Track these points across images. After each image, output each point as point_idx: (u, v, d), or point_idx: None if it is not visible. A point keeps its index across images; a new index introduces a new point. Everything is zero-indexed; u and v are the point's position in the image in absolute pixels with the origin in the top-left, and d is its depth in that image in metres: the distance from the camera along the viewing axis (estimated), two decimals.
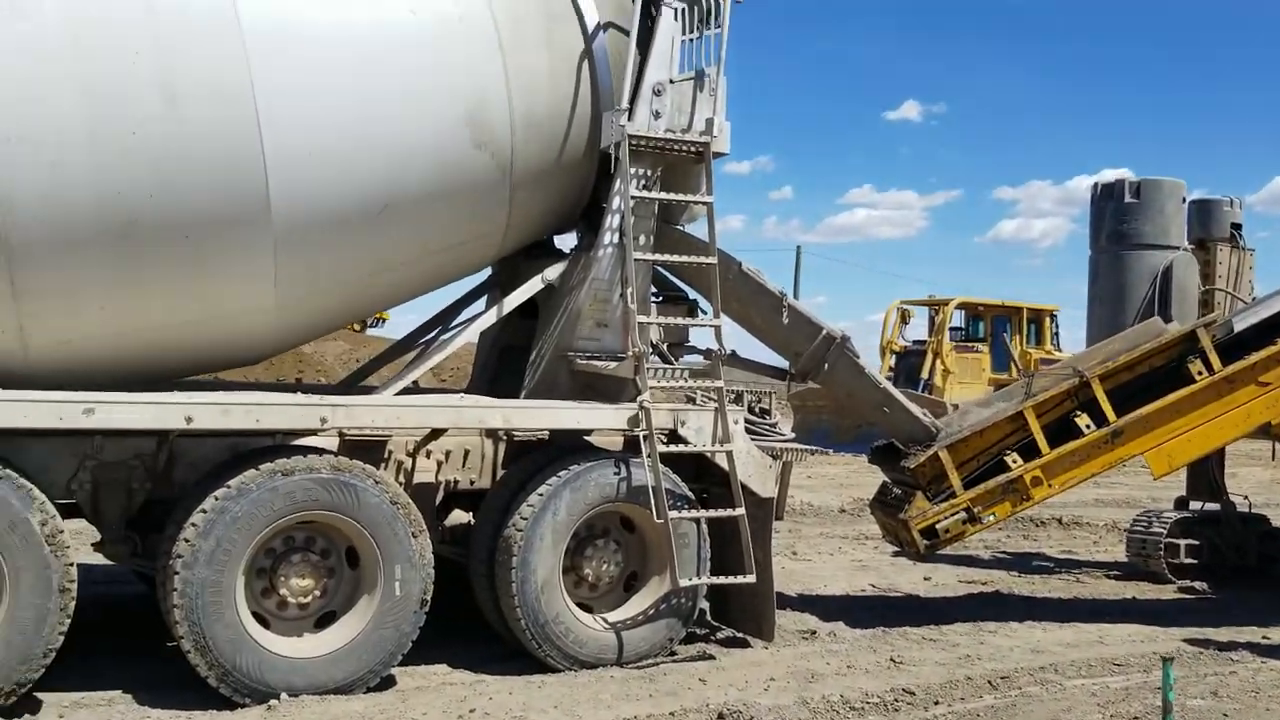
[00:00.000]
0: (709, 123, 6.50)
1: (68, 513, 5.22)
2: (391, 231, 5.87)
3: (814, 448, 7.43)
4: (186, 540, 5.10)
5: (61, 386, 5.14)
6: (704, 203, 6.56)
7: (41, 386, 5.10)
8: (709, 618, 6.88)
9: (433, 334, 7.53)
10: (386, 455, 6.00)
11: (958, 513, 7.23)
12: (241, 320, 5.73)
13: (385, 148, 5.70)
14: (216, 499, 5.17)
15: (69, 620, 4.95)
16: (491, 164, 6.06)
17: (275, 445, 5.60)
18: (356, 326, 33.16)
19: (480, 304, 7.43)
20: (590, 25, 6.44)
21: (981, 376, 21.98)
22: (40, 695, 5.13)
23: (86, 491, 5.39)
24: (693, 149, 6.49)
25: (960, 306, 23.55)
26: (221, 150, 5.23)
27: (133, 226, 5.14)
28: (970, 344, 23.40)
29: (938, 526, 7.24)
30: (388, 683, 5.59)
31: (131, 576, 6.91)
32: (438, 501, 6.21)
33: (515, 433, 6.25)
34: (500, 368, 7.24)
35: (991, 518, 7.36)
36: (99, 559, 5.95)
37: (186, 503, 5.32)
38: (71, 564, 4.98)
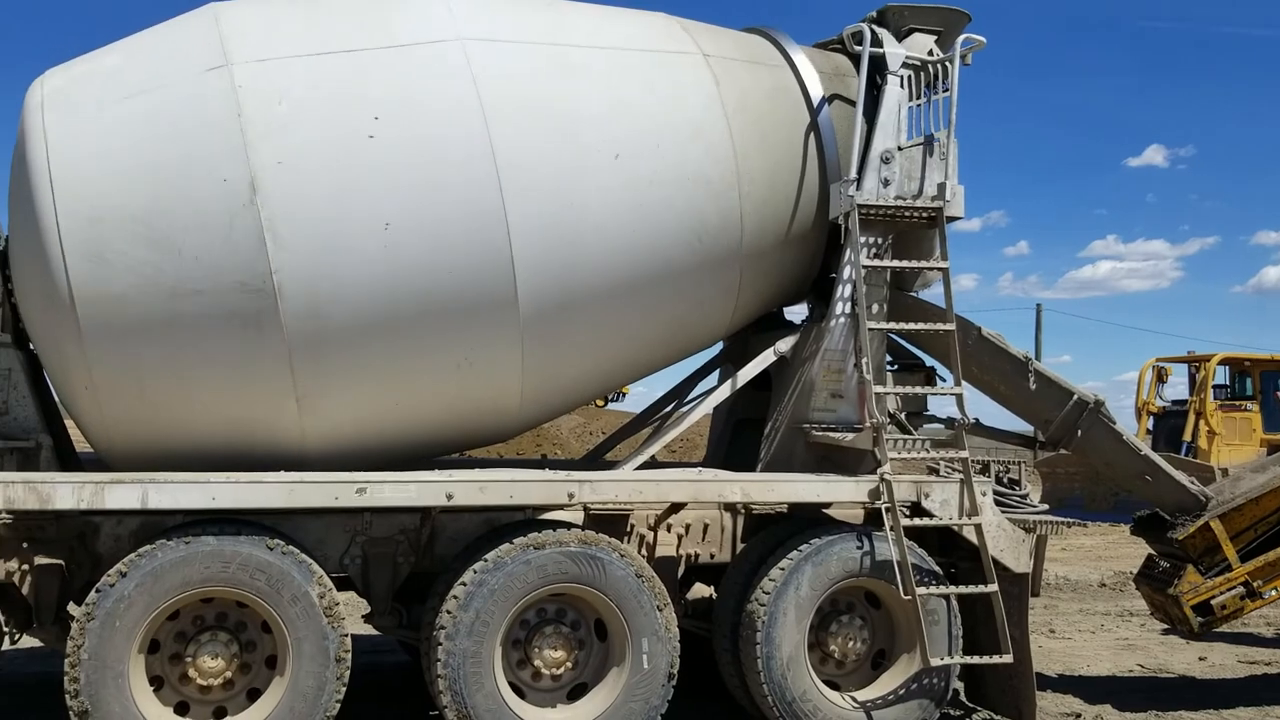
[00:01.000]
0: (941, 187, 6.41)
1: (339, 586, 5.60)
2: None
3: (1068, 519, 7.02)
4: (448, 612, 5.37)
5: (332, 467, 5.57)
6: (939, 269, 6.44)
7: (315, 468, 5.54)
8: (964, 699, 6.59)
9: (668, 409, 7.69)
10: (629, 529, 6.15)
11: (1235, 587, 6.69)
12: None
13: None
14: (475, 572, 5.43)
15: (344, 688, 5.29)
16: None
17: (526, 520, 5.85)
18: (600, 402, 34.19)
19: (713, 378, 7.54)
20: (815, 98, 6.52)
21: (1252, 438, 20.23)
22: None
23: (357, 566, 5.79)
24: (924, 215, 6.41)
25: (1224, 362, 21.82)
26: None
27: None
28: (1237, 402, 21.58)
29: (1213, 602, 6.72)
30: None
31: (394, 646, 7.31)
32: (679, 575, 6.28)
33: (754, 506, 6.26)
34: (735, 441, 7.30)
35: (1274, 593, 6.75)
36: (365, 629, 6.33)
37: (447, 576, 5.62)
38: (346, 634, 5.33)
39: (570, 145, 5.77)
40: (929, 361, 6.98)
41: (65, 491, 5.10)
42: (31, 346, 5.86)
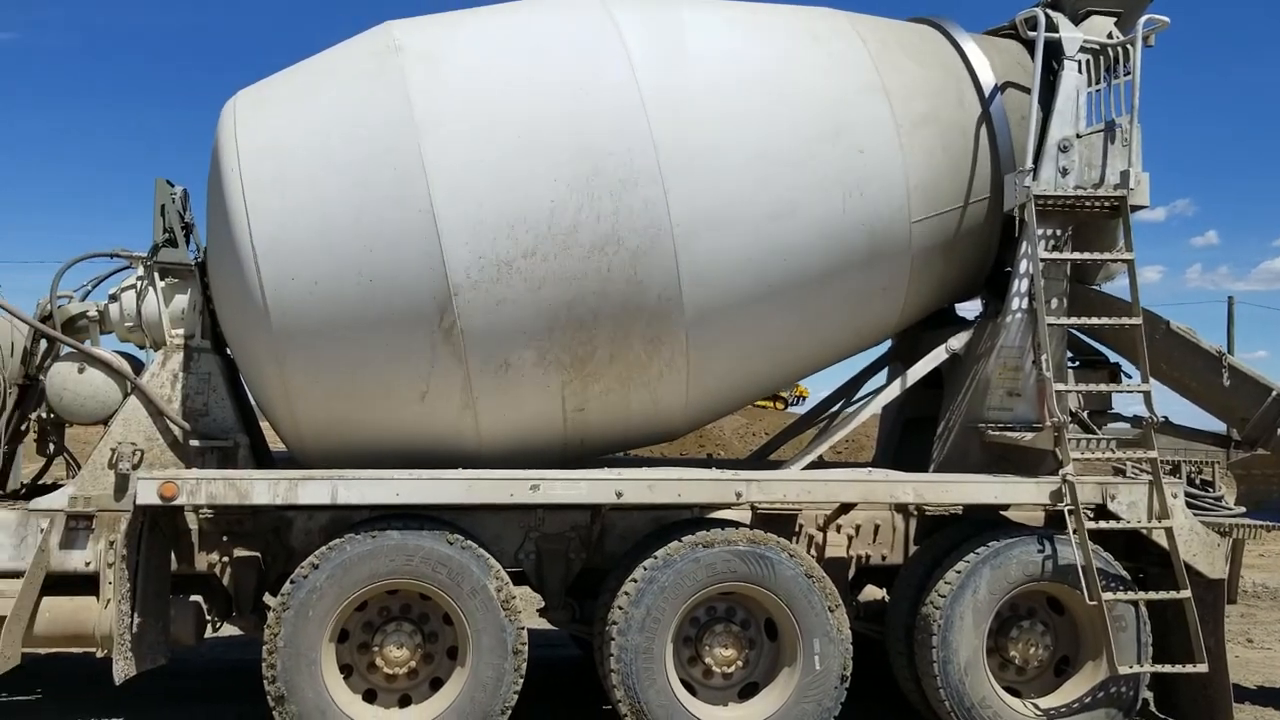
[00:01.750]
0: (1124, 175, 6.11)
1: (515, 580, 5.74)
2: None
3: (1266, 522, 6.58)
4: (620, 608, 5.45)
5: (506, 465, 5.72)
6: (1123, 260, 6.15)
7: (490, 466, 5.70)
8: (1154, 709, 6.27)
9: (834, 408, 7.59)
10: (797, 529, 6.11)
11: None
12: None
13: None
14: (645, 569, 5.49)
15: (522, 680, 5.42)
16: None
17: (694, 519, 5.88)
18: (779, 404, 33.92)
19: (881, 376, 7.40)
20: (986, 86, 6.32)
21: None
22: None
23: (531, 561, 5.95)
24: (1106, 204, 6.12)
25: None
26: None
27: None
28: None
29: None
30: None
31: (567, 641, 7.45)
32: (850, 576, 6.19)
33: (927, 507, 6.12)
34: (905, 441, 7.14)
35: None
36: (540, 623, 6.46)
37: (618, 572, 5.71)
38: (523, 627, 5.47)
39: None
40: (1113, 358, 6.68)
41: (262, 487, 5.40)
42: (228, 351, 6.23)
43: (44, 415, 6.28)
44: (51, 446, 6.47)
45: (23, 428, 6.50)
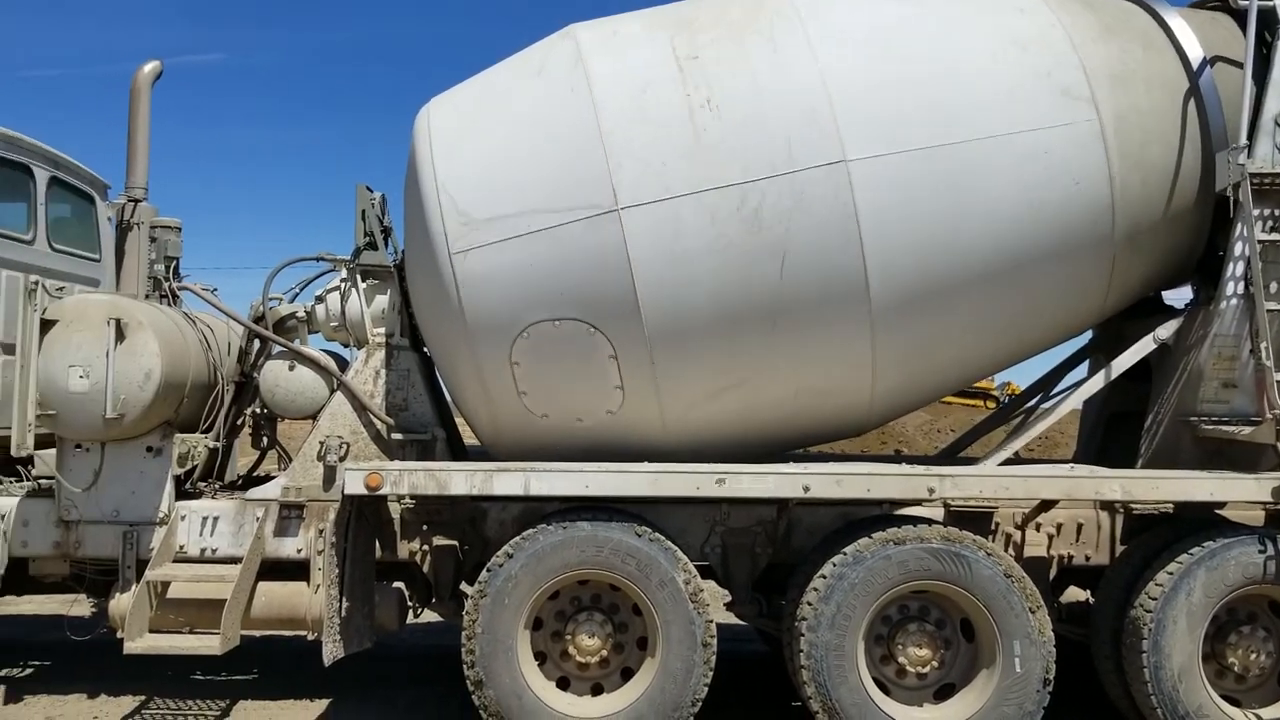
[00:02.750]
0: None
1: (701, 574, 5.73)
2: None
3: None
4: (809, 604, 5.39)
5: (692, 459, 5.74)
6: None
7: (676, 460, 5.73)
8: None
9: (1031, 402, 7.29)
10: (993, 527, 5.90)
11: None
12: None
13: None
14: (834, 565, 5.41)
15: (711, 673, 5.43)
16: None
17: (882, 515, 5.76)
18: (991, 404, 32.80)
19: (1081, 369, 7.07)
20: (1193, 60, 5.95)
21: None
22: None
23: (717, 555, 5.96)
24: None
25: None
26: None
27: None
28: None
29: None
30: None
31: (753, 636, 7.41)
32: (1051, 576, 5.94)
33: (1135, 505, 5.81)
34: (1108, 436, 6.80)
35: None
36: (726, 618, 6.46)
37: (805, 568, 5.64)
38: (711, 620, 5.48)
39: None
40: None
41: (460, 479, 5.59)
42: (425, 349, 6.48)
43: (258, 411, 6.70)
44: (265, 440, 6.88)
45: (239, 422, 6.93)
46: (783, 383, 5.79)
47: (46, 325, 5.93)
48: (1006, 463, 5.98)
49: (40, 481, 6.56)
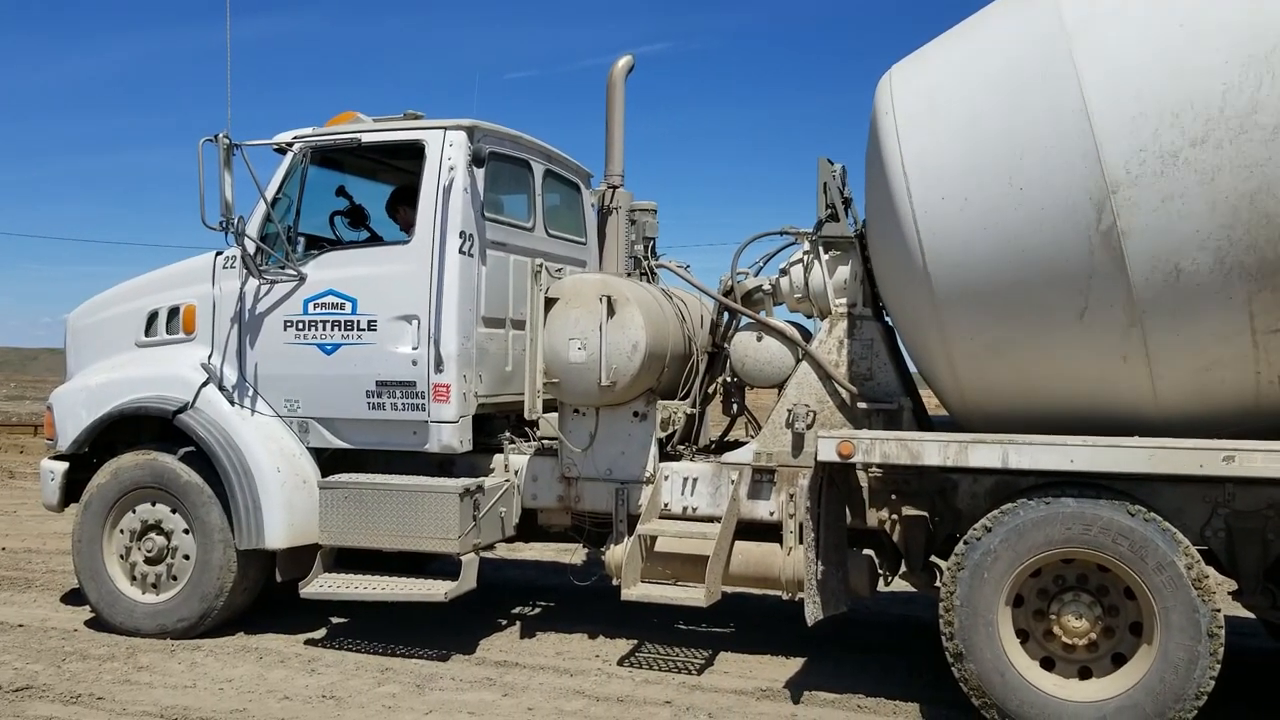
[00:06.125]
0: None
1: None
2: None
3: None
4: None
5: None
6: None
7: (1170, 434, 5.29)
8: None
9: None
10: None
11: None
12: None
13: None
14: None
15: (1219, 665, 5.00)
16: None
17: None
18: None
19: None
20: None
21: None
22: None
23: (1220, 539, 5.44)
24: None
25: None
26: None
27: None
28: None
29: None
30: None
31: (1258, 630, 6.72)
32: None
33: None
34: None
35: None
36: (1232, 608, 5.89)
37: None
38: (1218, 609, 5.03)
39: None
40: None
41: (932, 449, 5.54)
42: (887, 319, 6.48)
43: (729, 379, 7.07)
44: (735, 407, 7.25)
45: (711, 390, 7.36)
46: None
47: (549, 303, 6.63)
48: None
49: (544, 442, 7.38)
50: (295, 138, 7.26)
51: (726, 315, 7.22)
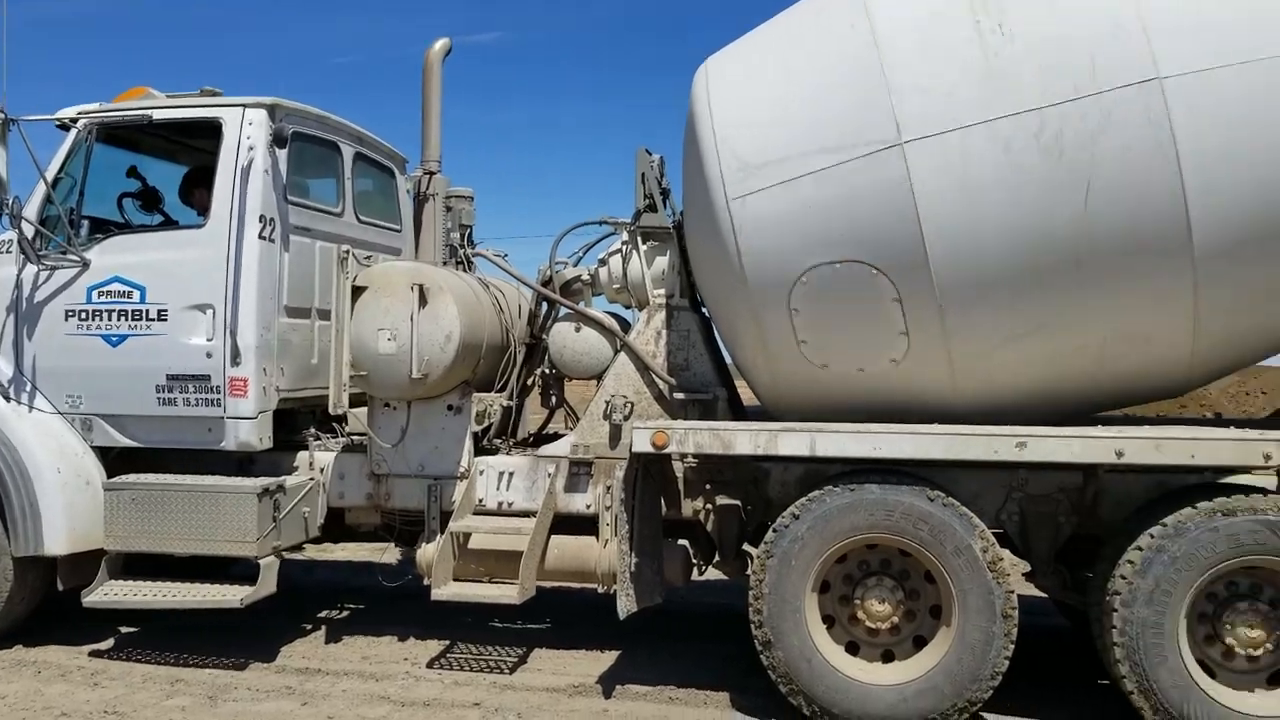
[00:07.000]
0: None
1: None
2: None
3: None
4: (1123, 578, 5.00)
5: (982, 422, 5.42)
6: None
7: (966, 421, 5.43)
8: None
9: None
10: None
11: None
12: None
13: None
14: (1153, 537, 5.00)
15: (1012, 646, 5.15)
16: None
17: (1204, 484, 5.25)
18: None
19: None
20: None
21: None
22: (987, 716, 5.41)
23: (1015, 523, 5.64)
24: None
25: None
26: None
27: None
28: None
29: None
30: None
31: (1049, 609, 7.00)
32: None
33: None
34: None
35: None
36: (1025, 589, 6.11)
37: (1117, 540, 5.24)
38: (1012, 591, 5.19)
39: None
40: None
41: (744, 438, 5.55)
42: (704, 310, 6.47)
43: (546, 371, 6.93)
44: (553, 399, 7.11)
45: (529, 382, 7.21)
46: (1088, 329, 5.31)
47: (356, 292, 6.34)
48: None
49: (353, 438, 7.08)
50: (80, 113, 6.75)
51: (545, 306, 7.09)
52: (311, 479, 6.72)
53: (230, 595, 6.27)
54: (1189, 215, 4.94)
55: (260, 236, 6.46)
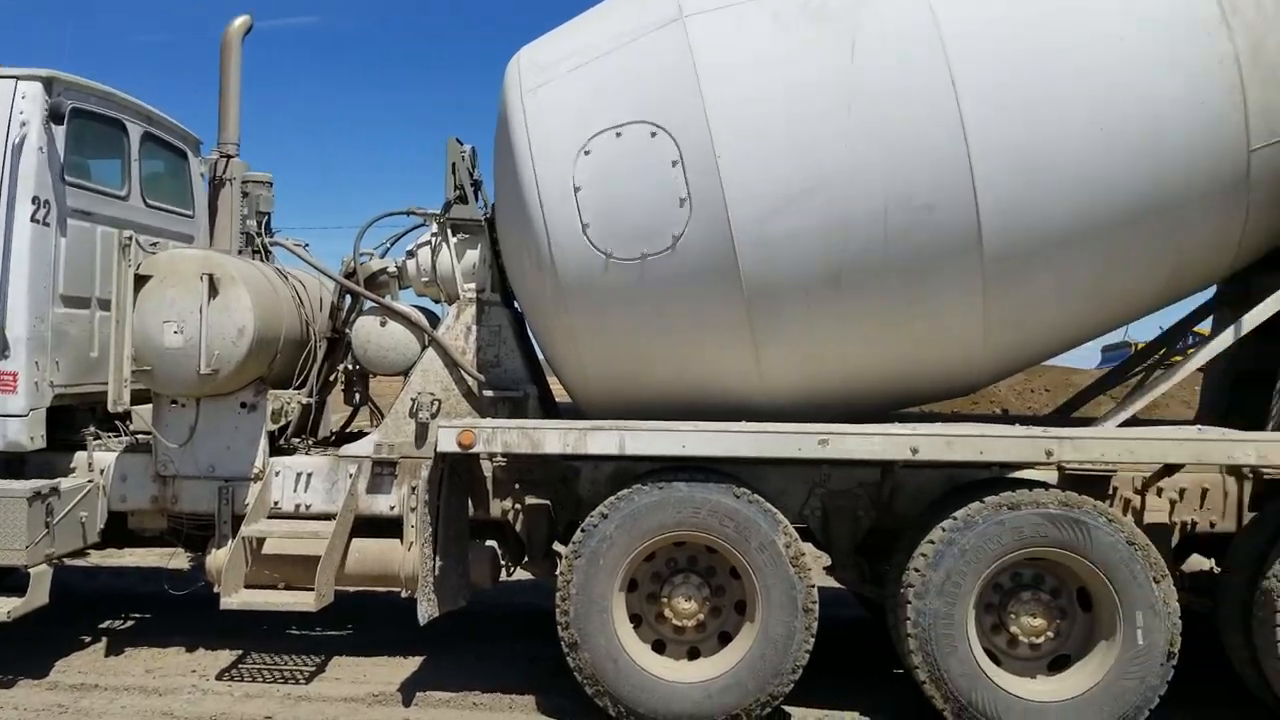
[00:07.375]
0: None
1: (800, 537, 5.54)
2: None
3: None
4: (916, 570, 5.16)
5: (787, 419, 5.50)
6: None
7: (772, 419, 5.50)
8: None
9: (1149, 361, 6.91)
10: (1111, 492, 5.59)
11: None
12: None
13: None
14: (944, 530, 5.17)
15: (813, 639, 5.25)
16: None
17: (993, 478, 5.49)
18: None
19: (1204, 326, 6.67)
20: None
21: None
22: (789, 709, 5.49)
23: (817, 518, 5.76)
24: None
25: None
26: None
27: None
28: None
29: None
30: None
31: (851, 600, 7.21)
32: (1174, 544, 5.62)
33: (1265, 470, 5.43)
34: (1235, 397, 6.40)
35: None
36: (826, 582, 6.25)
37: (911, 533, 5.41)
38: (813, 585, 5.28)
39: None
40: None
41: (553, 437, 5.45)
42: (516, 305, 6.34)
43: (350, 367, 6.65)
44: (357, 396, 6.84)
45: (331, 379, 6.90)
46: (870, 192, 5.23)
47: (141, 281, 5.93)
48: (1125, 424, 5.66)
49: (138, 436, 6.62)
50: None
51: (348, 298, 6.80)
52: (90, 481, 6.24)
53: None
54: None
55: (33, 219, 5.96)
